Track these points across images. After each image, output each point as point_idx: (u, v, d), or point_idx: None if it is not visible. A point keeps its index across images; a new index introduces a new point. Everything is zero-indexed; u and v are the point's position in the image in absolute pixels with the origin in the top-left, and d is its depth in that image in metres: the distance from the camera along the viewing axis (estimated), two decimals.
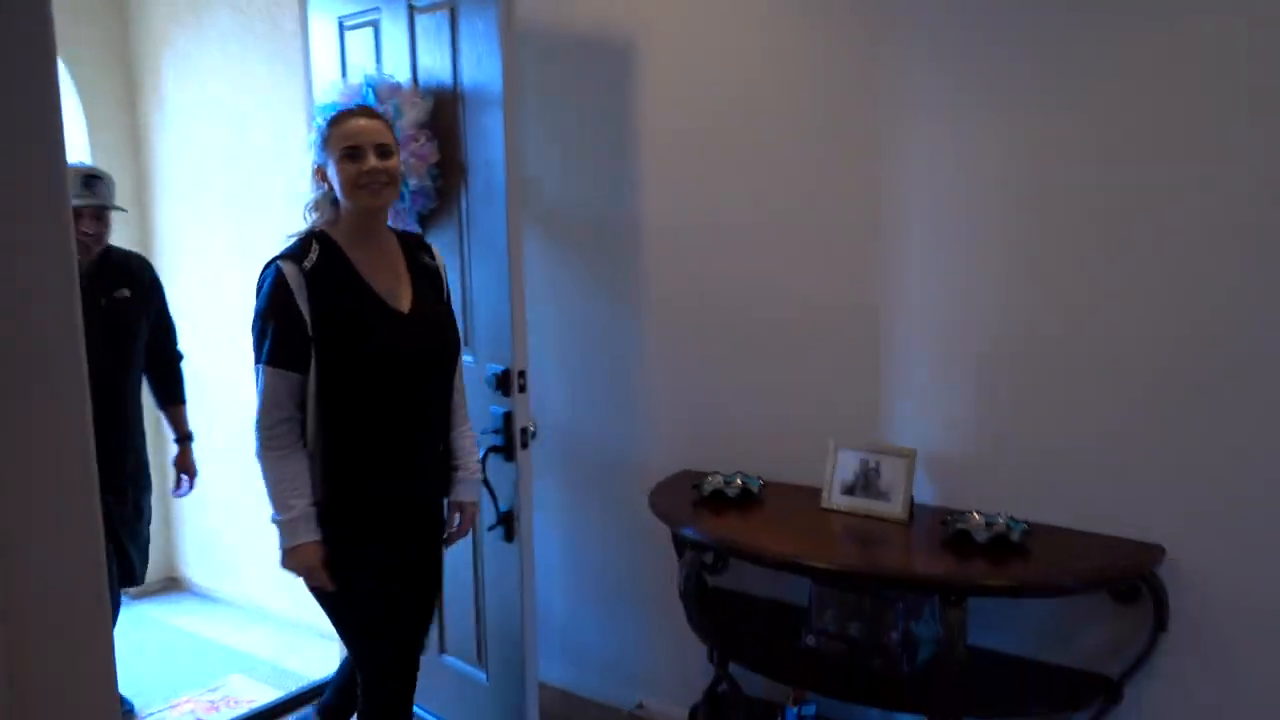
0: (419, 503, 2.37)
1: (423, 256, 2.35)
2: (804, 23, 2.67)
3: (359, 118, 2.24)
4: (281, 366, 2.12)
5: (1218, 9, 2.11)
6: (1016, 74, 2.36)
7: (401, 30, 2.85)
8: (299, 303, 2.11)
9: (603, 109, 3.04)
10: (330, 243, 2.20)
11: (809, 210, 2.71)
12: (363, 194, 2.18)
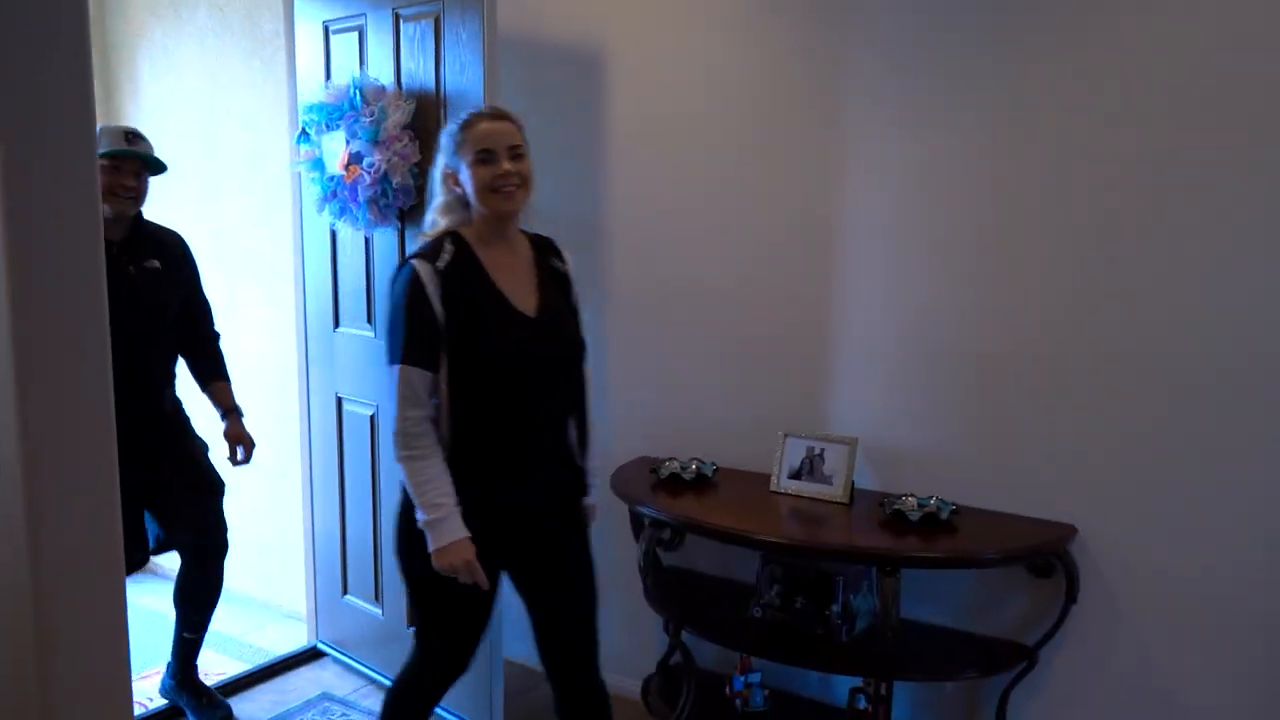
0: (541, 508, 2.30)
1: (553, 260, 2.33)
2: (765, 35, 2.90)
3: (491, 120, 2.21)
4: (417, 365, 2.12)
5: (1155, 25, 2.39)
6: (966, 87, 2.61)
7: (386, 36, 3.03)
8: (433, 301, 2.11)
9: (571, 114, 3.24)
10: (463, 243, 2.19)
11: (765, 213, 2.94)
12: (496, 197, 2.17)
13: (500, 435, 2.19)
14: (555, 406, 2.28)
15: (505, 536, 2.24)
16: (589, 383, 2.38)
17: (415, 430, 2.13)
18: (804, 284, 2.90)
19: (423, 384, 2.12)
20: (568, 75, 3.24)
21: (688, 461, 2.94)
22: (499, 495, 2.21)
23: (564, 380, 2.28)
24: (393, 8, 3.00)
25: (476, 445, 2.18)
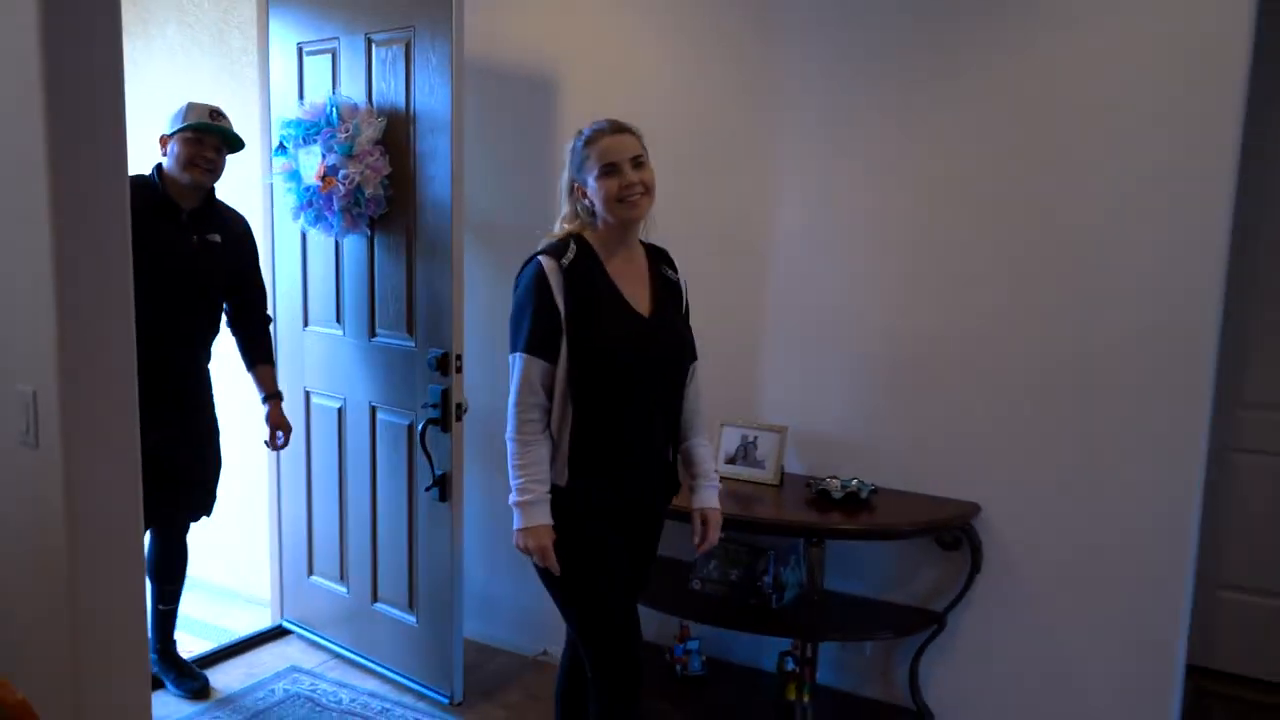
0: (638, 503, 2.39)
1: (665, 269, 2.43)
2: (702, 60, 3.21)
3: (615, 134, 2.30)
4: (537, 354, 2.23)
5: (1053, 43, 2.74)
6: (880, 116, 2.95)
7: (359, 58, 3.28)
8: (555, 295, 2.23)
9: (526, 130, 3.52)
10: (586, 245, 2.31)
11: (704, 221, 3.25)
12: (622, 207, 2.26)
13: (609, 426, 2.27)
14: (661, 404, 2.35)
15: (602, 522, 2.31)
16: (696, 389, 2.47)
17: (527, 416, 2.25)
18: (739, 286, 3.22)
19: (540, 373, 2.24)
20: (522, 95, 3.52)
21: None
22: (612, 483, 2.30)
23: (670, 380, 2.36)
24: (365, 33, 3.26)
25: (586, 434, 2.26)
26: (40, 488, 2.07)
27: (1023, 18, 2.75)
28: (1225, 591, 3.58)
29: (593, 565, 2.29)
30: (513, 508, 2.25)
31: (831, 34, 3.00)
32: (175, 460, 3.12)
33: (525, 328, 2.25)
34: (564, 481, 2.27)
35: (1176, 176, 2.60)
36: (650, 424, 2.33)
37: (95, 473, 2.09)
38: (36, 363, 2.04)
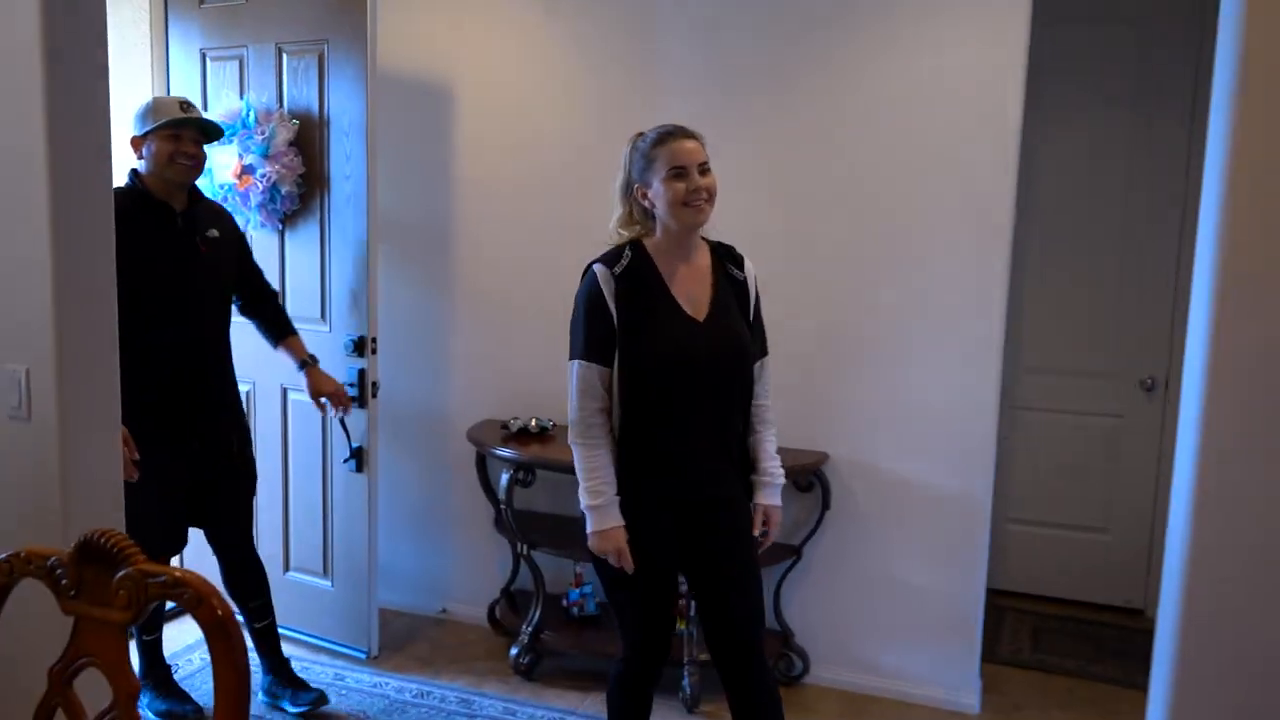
0: (702, 502, 2.41)
1: (731, 268, 2.45)
2: (586, 71, 3.67)
3: (684, 139, 2.33)
4: (593, 359, 2.31)
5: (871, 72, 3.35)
6: (748, 119, 3.49)
7: (269, 65, 3.54)
8: (608, 301, 2.31)
9: (428, 134, 3.87)
10: (642, 250, 2.37)
11: (593, 213, 3.69)
12: (687, 211, 2.31)
13: (662, 430, 2.33)
14: (718, 406, 2.38)
15: (670, 525, 2.39)
16: (764, 386, 2.51)
17: (590, 420, 2.32)
18: None
19: (597, 378, 2.32)
20: (420, 101, 3.87)
21: (529, 419, 3.64)
22: (661, 487, 2.36)
23: (727, 382, 2.38)
24: (275, 42, 3.52)
25: (641, 438, 2.34)
26: (36, 456, 2.29)
27: (852, 42, 3.35)
28: (1011, 525, 4.35)
29: (637, 565, 2.36)
30: (585, 511, 2.33)
31: (701, 48, 3.52)
32: (216, 467, 3.09)
33: (580, 335, 2.34)
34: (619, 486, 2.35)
35: (973, 179, 3.24)
36: (704, 426, 2.36)
37: (86, 440, 2.33)
38: (29, 344, 2.26)
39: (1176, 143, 4.01)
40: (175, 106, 2.95)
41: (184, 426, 2.98)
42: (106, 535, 1.43)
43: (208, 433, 3.05)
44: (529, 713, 3.29)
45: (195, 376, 3.01)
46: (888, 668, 3.47)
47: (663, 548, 2.40)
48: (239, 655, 1.35)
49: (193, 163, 2.95)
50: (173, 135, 2.91)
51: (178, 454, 2.97)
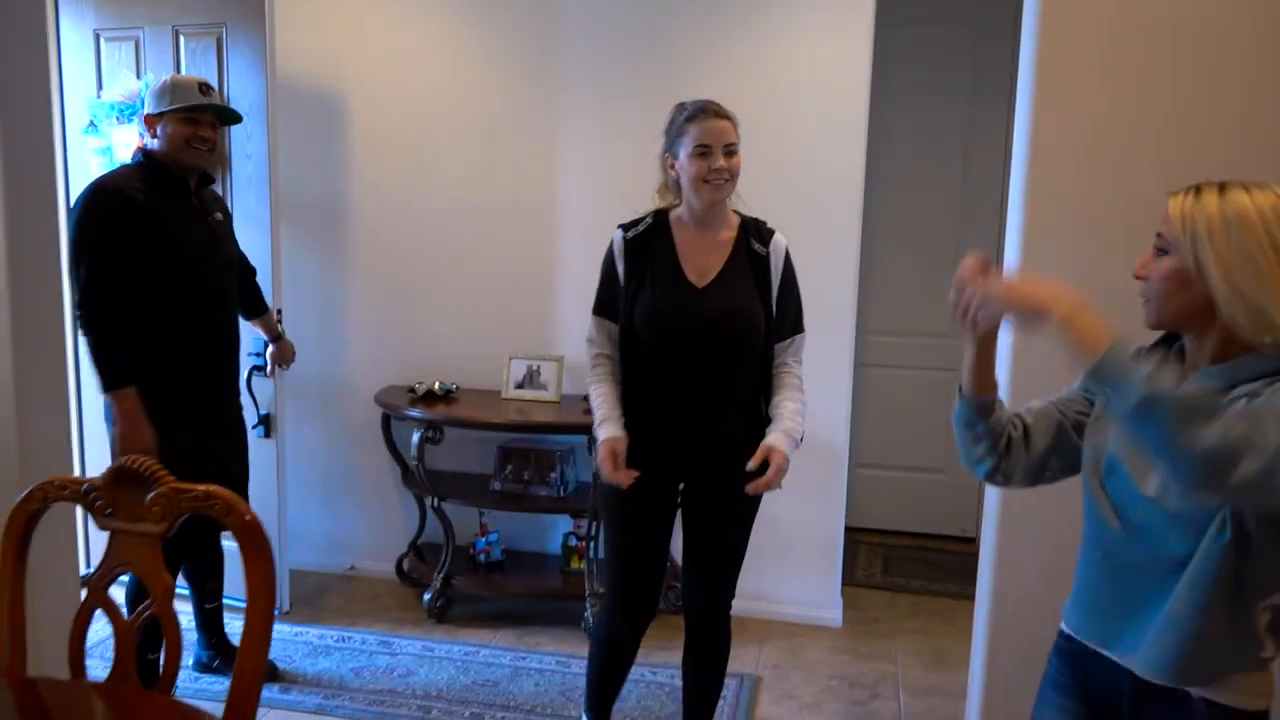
0: (683, 462, 2.51)
1: (754, 244, 2.49)
2: (491, 65, 3.94)
3: (714, 118, 2.39)
4: (601, 315, 2.51)
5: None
6: (639, 112, 3.83)
7: (166, 47, 3.65)
8: (618, 263, 2.47)
9: (324, 120, 4.06)
10: (663, 218, 2.50)
11: (492, 196, 3.98)
12: (707, 188, 2.39)
13: (650, 385, 2.47)
14: (712, 371, 2.43)
15: (663, 475, 2.50)
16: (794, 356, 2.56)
17: (594, 363, 2.53)
18: (525, 248, 3.99)
19: (602, 330, 2.52)
20: (322, 87, 4.05)
21: (432, 382, 3.91)
22: (654, 439, 2.47)
23: (720, 347, 2.43)
24: (173, 25, 3.63)
25: (638, 391, 2.48)
26: None
27: (721, 43, 3.75)
28: (861, 469, 4.88)
29: (624, 512, 2.53)
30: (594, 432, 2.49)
31: (589, 42, 3.85)
32: (235, 448, 3.13)
33: (598, 291, 2.55)
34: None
35: (828, 164, 3.70)
36: (696, 389, 2.43)
37: (39, 406, 2.49)
38: None
39: (999, 127, 4.59)
40: (194, 89, 2.88)
41: (215, 408, 3.02)
42: (138, 460, 1.67)
43: (231, 414, 3.12)
44: (445, 649, 3.57)
45: (223, 357, 3.04)
46: (764, 593, 3.90)
47: (653, 513, 2.52)
48: (266, 555, 1.63)
49: (208, 147, 2.91)
50: (190, 118, 2.85)
51: (209, 435, 2.98)
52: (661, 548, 2.59)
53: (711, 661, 2.71)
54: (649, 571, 2.58)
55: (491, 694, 3.27)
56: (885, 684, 3.46)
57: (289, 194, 3.98)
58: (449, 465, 4.05)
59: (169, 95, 2.86)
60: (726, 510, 2.56)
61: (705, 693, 2.74)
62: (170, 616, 1.66)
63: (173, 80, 2.90)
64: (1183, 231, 1.40)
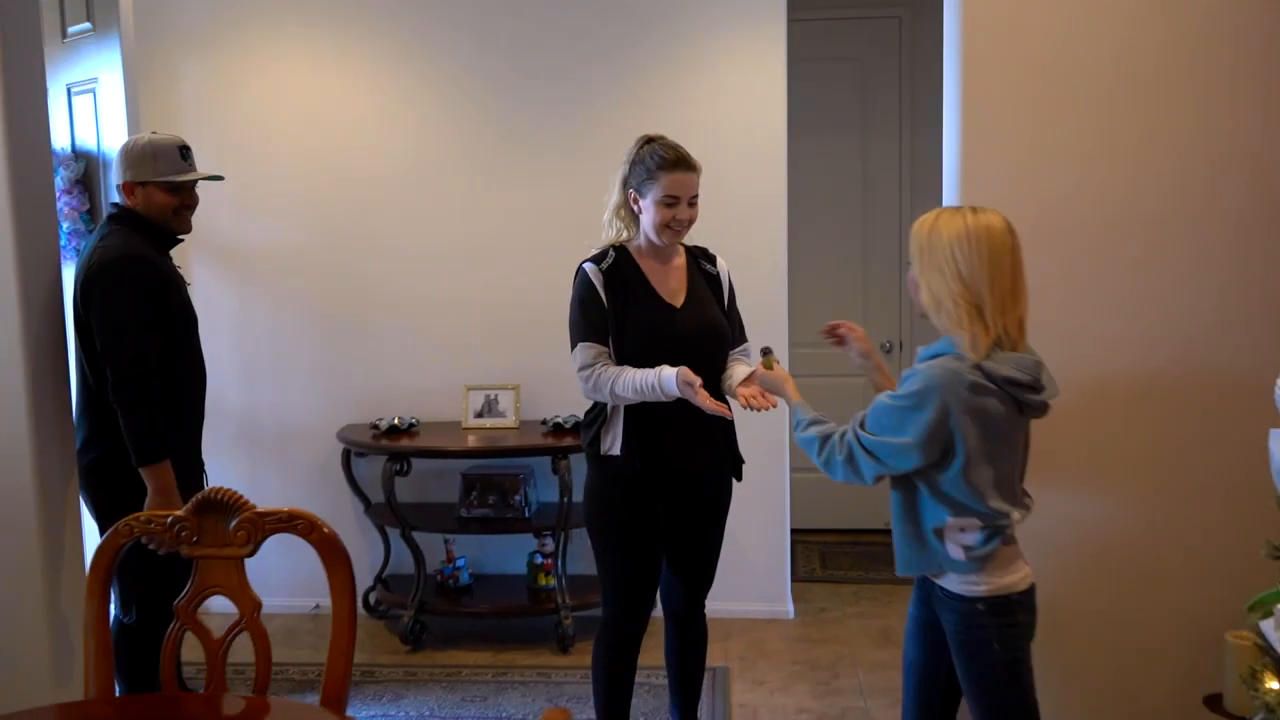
0: (683, 472, 2.68)
1: (705, 264, 2.77)
2: (425, 111, 4.15)
3: (686, 172, 2.58)
4: (592, 339, 2.60)
5: None
6: (557, 162, 4.09)
7: (62, 107, 3.65)
8: (599, 291, 2.61)
9: (242, 165, 4.19)
10: (625, 252, 2.67)
11: (438, 237, 4.17)
12: (666, 233, 2.60)
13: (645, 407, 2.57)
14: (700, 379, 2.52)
15: (654, 483, 2.64)
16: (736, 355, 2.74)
17: (599, 372, 2.55)
18: (470, 290, 4.20)
19: (594, 351, 2.59)
20: (265, 140, 4.19)
21: (392, 418, 4.05)
22: (646, 449, 2.60)
23: (700, 359, 2.58)
24: (65, 83, 3.65)
25: (628, 406, 2.59)
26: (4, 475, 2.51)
27: (645, 81, 4.04)
28: (795, 474, 5.19)
29: (627, 530, 2.66)
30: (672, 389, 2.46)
31: (505, 75, 4.10)
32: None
33: (580, 323, 2.64)
34: (618, 450, 2.61)
35: (751, 192, 4.03)
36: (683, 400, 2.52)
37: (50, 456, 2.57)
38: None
39: (891, 154, 5.06)
40: (175, 153, 2.77)
41: (200, 466, 2.99)
42: (220, 491, 1.84)
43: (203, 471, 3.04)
44: (428, 671, 3.72)
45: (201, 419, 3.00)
46: (723, 594, 4.08)
47: (649, 520, 2.68)
48: (347, 562, 1.82)
49: (193, 211, 2.86)
50: (173, 187, 2.76)
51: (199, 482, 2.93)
52: (658, 551, 2.76)
53: (696, 652, 2.95)
54: (652, 573, 2.76)
55: (481, 708, 3.44)
56: (843, 663, 3.76)
57: (232, 241, 4.10)
58: (412, 497, 4.20)
59: (150, 163, 2.73)
60: (708, 514, 2.80)
61: (692, 680, 2.97)
62: (259, 628, 1.83)
63: (151, 144, 2.76)
64: (912, 249, 2.02)
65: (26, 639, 2.51)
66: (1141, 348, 2.57)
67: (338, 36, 4.19)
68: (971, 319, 1.91)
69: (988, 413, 1.92)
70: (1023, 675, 1.99)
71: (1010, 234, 1.96)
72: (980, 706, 2.01)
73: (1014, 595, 1.98)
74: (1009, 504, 1.98)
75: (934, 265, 1.95)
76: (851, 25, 5.11)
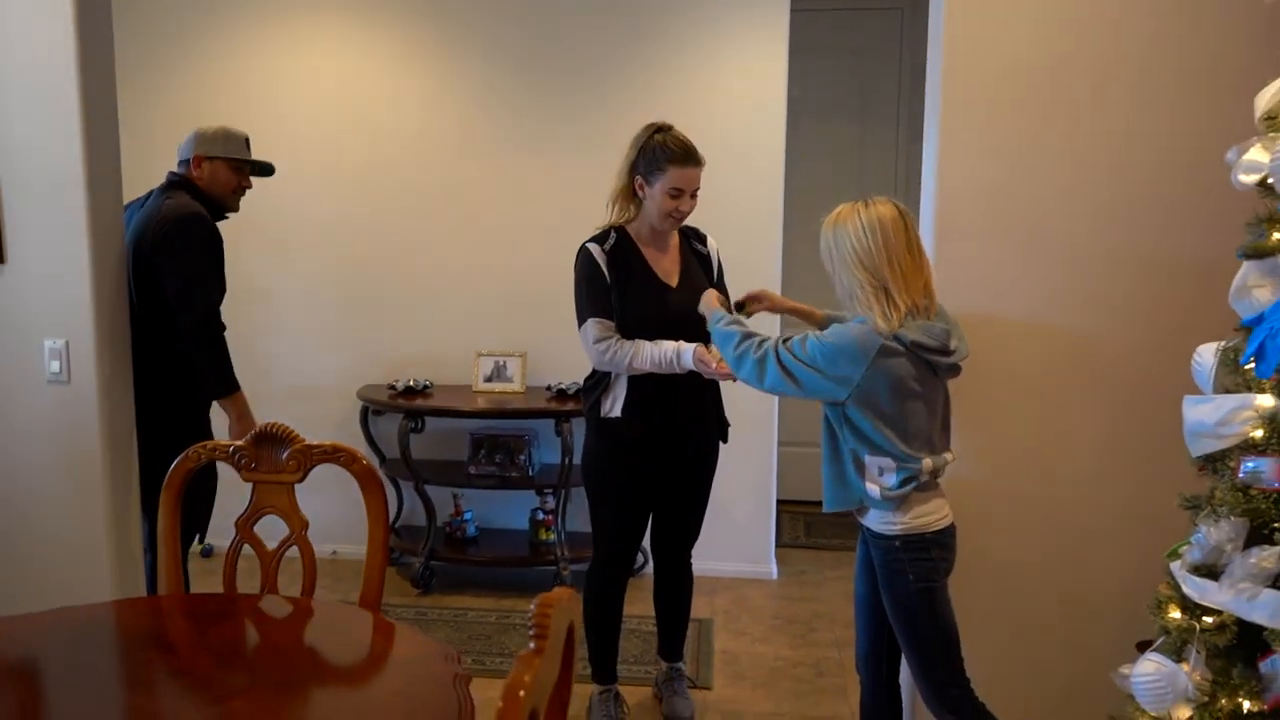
0: (678, 433, 2.92)
1: (696, 244, 3.01)
2: (446, 92, 4.42)
3: (693, 167, 2.78)
4: (598, 315, 2.80)
5: None
6: (569, 144, 4.36)
7: None
8: (603, 269, 2.81)
9: (292, 148, 4.47)
10: (625, 233, 2.87)
11: (460, 212, 4.45)
12: (669, 220, 2.83)
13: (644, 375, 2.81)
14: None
15: (649, 454, 2.89)
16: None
17: (613, 347, 2.78)
18: (483, 264, 4.49)
19: (602, 326, 2.80)
20: (296, 118, 4.46)
21: (408, 380, 4.35)
22: (648, 416, 2.85)
23: (696, 330, 2.75)
24: None
25: (631, 381, 2.84)
26: (76, 413, 2.80)
27: (650, 73, 4.32)
28: (783, 447, 5.49)
29: (624, 487, 2.93)
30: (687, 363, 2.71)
31: (522, 70, 4.37)
32: None
33: (585, 300, 2.84)
34: (618, 413, 2.86)
35: (750, 180, 4.31)
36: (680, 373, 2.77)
37: (116, 399, 2.87)
38: (69, 322, 2.78)
39: (888, 142, 5.30)
40: (243, 143, 3.18)
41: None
42: (275, 425, 2.13)
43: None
44: (437, 613, 4.03)
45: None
46: (711, 554, 4.41)
47: (642, 477, 2.94)
48: (381, 490, 2.11)
49: (243, 195, 3.22)
50: (239, 167, 3.15)
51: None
52: (648, 505, 3.04)
53: (682, 598, 3.26)
54: (640, 525, 3.07)
55: (486, 645, 3.75)
56: (820, 620, 4.06)
57: (265, 215, 4.38)
58: (425, 454, 4.49)
59: (222, 143, 3.12)
60: (697, 472, 3.08)
61: (678, 623, 3.28)
62: (305, 543, 2.13)
63: (225, 129, 3.16)
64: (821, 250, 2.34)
65: (92, 556, 2.82)
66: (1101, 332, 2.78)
67: (362, 26, 4.46)
68: (880, 300, 2.20)
69: (896, 372, 2.19)
70: (937, 604, 2.27)
71: (902, 217, 2.25)
72: (902, 631, 2.32)
73: (928, 534, 2.26)
74: (921, 451, 2.23)
75: (840, 260, 2.27)
76: (853, 17, 5.31)
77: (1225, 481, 1.82)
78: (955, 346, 2.27)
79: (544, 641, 1.22)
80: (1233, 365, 1.83)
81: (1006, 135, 2.76)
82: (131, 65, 4.23)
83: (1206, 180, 2.57)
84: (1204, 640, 1.83)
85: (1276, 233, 1.75)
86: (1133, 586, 2.82)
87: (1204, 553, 1.83)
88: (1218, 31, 2.62)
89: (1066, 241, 2.71)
